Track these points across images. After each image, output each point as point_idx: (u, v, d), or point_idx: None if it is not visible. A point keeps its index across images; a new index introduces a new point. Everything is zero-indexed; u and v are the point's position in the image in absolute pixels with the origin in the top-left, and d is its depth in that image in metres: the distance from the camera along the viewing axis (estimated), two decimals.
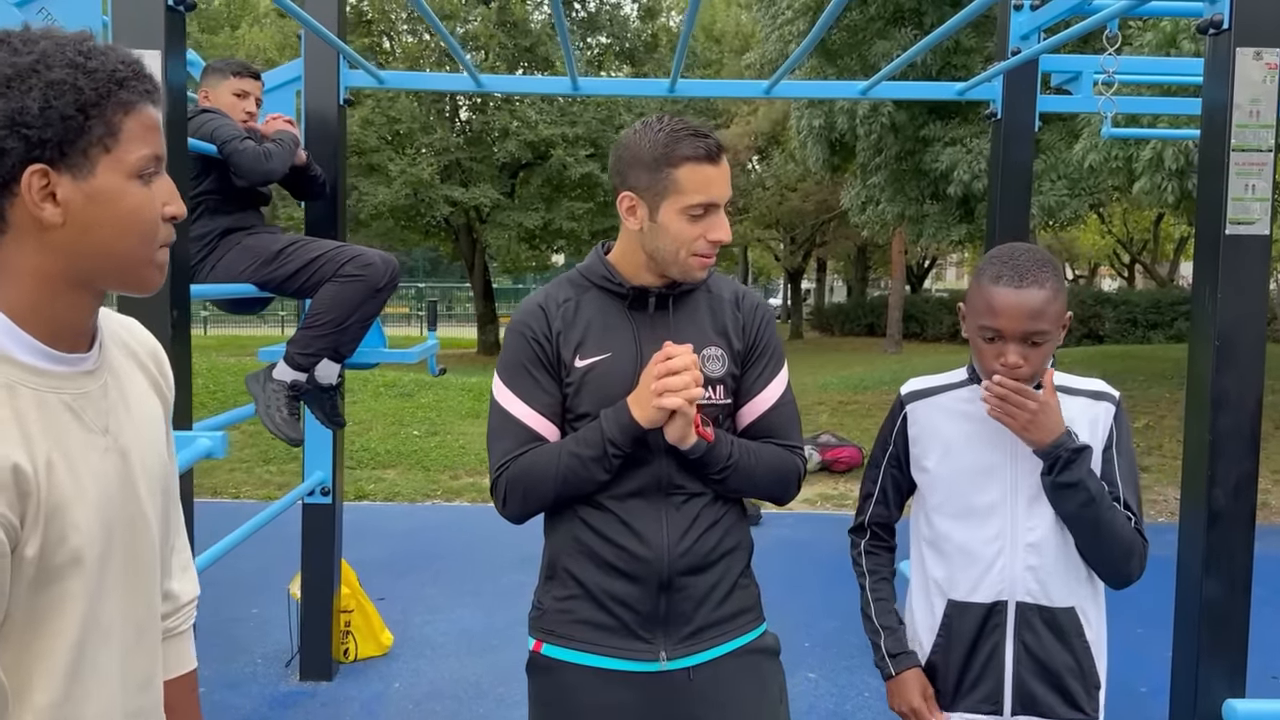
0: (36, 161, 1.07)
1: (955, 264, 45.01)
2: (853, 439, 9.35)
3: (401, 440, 9.78)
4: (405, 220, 22.37)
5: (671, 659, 1.84)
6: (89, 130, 1.09)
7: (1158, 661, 2.96)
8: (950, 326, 25.76)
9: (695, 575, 1.85)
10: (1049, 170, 11.96)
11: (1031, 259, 1.87)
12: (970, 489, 1.97)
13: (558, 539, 1.91)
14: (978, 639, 1.96)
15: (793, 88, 5.58)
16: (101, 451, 1.17)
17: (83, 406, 1.15)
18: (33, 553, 1.07)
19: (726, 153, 1.83)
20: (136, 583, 1.23)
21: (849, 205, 15.45)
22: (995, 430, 1.93)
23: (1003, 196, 3.94)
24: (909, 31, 12.47)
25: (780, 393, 1.94)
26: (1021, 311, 1.83)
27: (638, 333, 1.86)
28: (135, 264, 1.16)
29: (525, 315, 1.89)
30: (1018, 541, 1.94)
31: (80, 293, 1.14)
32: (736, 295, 1.97)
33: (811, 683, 4.34)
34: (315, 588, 4.28)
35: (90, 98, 1.08)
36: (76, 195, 1.09)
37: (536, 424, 1.85)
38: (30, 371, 1.10)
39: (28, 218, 1.09)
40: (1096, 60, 3.98)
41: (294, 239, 3.43)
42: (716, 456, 1.82)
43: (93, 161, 1.09)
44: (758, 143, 25.04)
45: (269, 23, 22.92)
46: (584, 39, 24.34)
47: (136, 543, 1.22)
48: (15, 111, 1.05)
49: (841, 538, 2.24)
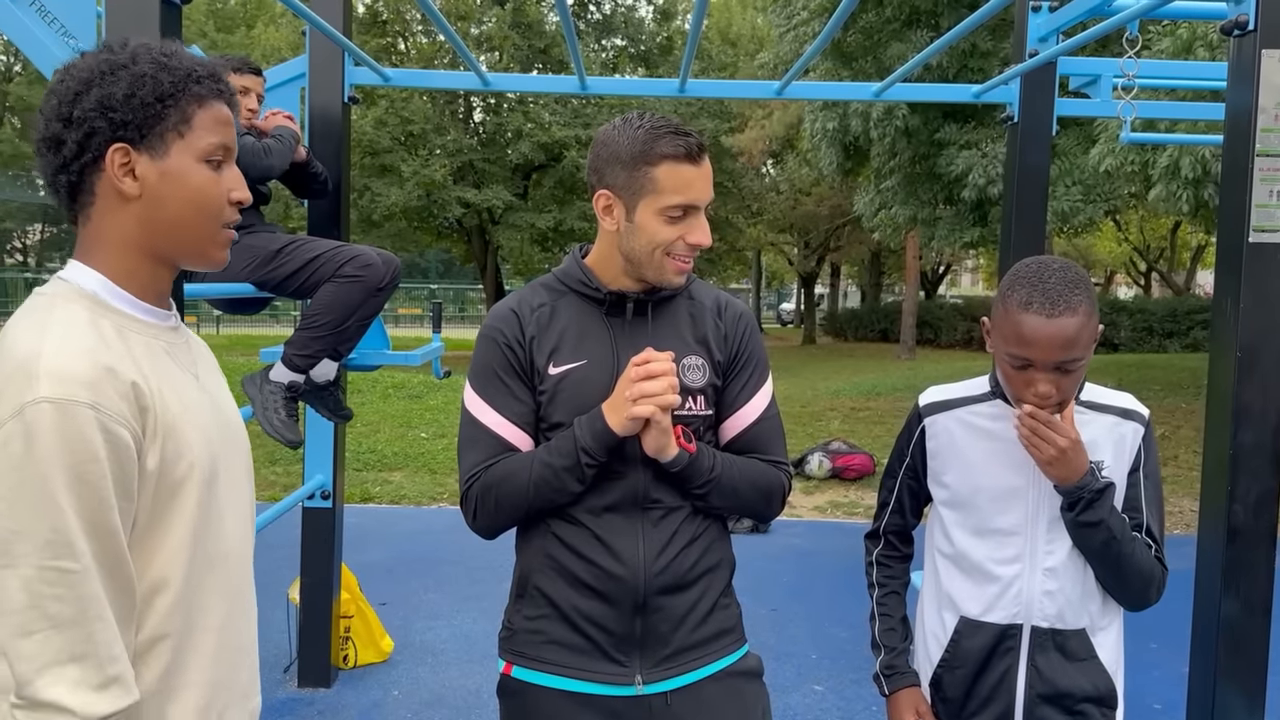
0: (120, 141, 1.26)
1: (970, 270, 44.82)
2: (864, 446, 9.27)
3: (409, 442, 9.74)
4: (418, 221, 22.39)
5: (648, 683, 1.76)
6: (165, 117, 1.27)
7: (1173, 677, 2.88)
8: (964, 333, 25.61)
9: (673, 595, 1.76)
10: (1063, 175, 11.85)
11: (1062, 281, 1.74)
12: (990, 509, 1.90)
13: (529, 555, 1.83)
14: (989, 659, 1.90)
15: (805, 89, 5.50)
16: (197, 391, 1.35)
17: (174, 351, 1.34)
18: (154, 465, 1.22)
19: (708, 152, 1.74)
20: (239, 511, 1.38)
21: (862, 210, 15.36)
22: (1019, 451, 1.85)
23: (1019, 201, 3.86)
24: (924, 34, 12.39)
25: (765, 406, 1.86)
26: (1054, 343, 1.72)
27: (615, 340, 1.78)
28: (202, 238, 1.33)
29: (497, 320, 1.81)
30: (1036, 565, 1.86)
31: (159, 265, 1.33)
32: (719, 304, 1.88)
33: (818, 695, 4.26)
34: (314, 593, 4.22)
35: (168, 89, 1.27)
36: (152, 172, 1.28)
37: (508, 433, 1.77)
38: (132, 320, 1.29)
39: (111, 190, 1.28)
40: (1116, 63, 3.90)
41: (293, 238, 3.38)
42: (698, 470, 1.74)
43: (167, 144, 1.28)
44: (772, 147, 24.96)
45: (284, 22, 22.97)
46: (598, 41, 24.32)
47: (235, 477, 1.39)
48: (105, 97, 1.25)
49: (852, 546, 2.18)
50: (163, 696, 1.26)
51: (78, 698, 1.13)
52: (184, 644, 1.28)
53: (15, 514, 1.12)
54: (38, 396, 1.13)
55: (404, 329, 29.99)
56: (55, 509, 1.12)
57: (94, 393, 1.15)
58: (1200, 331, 22.31)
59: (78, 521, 1.13)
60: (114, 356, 1.21)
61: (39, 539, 1.12)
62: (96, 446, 1.14)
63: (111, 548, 1.17)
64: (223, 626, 1.34)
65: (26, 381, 1.14)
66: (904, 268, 25.88)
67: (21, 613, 1.12)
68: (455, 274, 41.89)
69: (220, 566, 1.33)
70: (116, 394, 1.18)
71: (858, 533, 2.15)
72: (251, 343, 22.22)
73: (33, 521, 1.12)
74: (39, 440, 1.12)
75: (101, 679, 1.15)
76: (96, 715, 1.14)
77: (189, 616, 1.29)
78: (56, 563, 1.12)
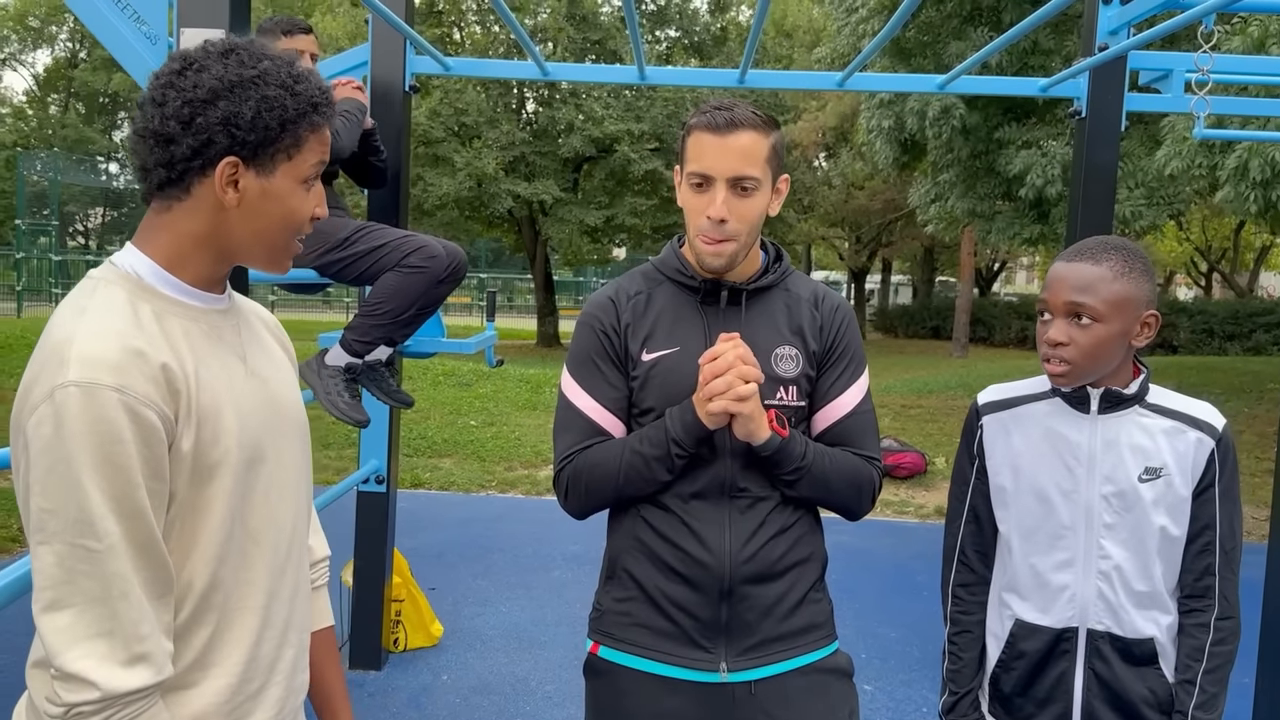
0: (234, 155, 1.28)
1: (1026, 267, 44.08)
2: (915, 444, 9.16)
3: (458, 430, 9.81)
4: (469, 211, 22.51)
5: (733, 671, 1.76)
6: (281, 140, 1.30)
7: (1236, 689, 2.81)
8: (1019, 331, 25.22)
9: (760, 584, 1.76)
10: (1126, 177, 11.59)
11: (1100, 241, 1.79)
12: (1042, 509, 1.86)
13: (619, 538, 1.85)
14: (1045, 662, 1.87)
15: (867, 80, 5.44)
16: (243, 375, 1.36)
17: (221, 334, 1.35)
18: (188, 447, 1.24)
19: (750, 129, 1.71)
20: (284, 495, 1.39)
21: (917, 202, 15.15)
22: (1073, 449, 1.82)
23: (1085, 199, 3.77)
24: (985, 31, 12.17)
25: (859, 400, 1.85)
26: (1065, 283, 1.76)
27: (708, 328, 1.79)
28: (279, 251, 1.37)
29: (595, 308, 1.85)
30: (1091, 568, 1.83)
31: (222, 261, 1.35)
32: (816, 295, 1.88)
33: (868, 695, 4.22)
34: (367, 576, 4.27)
35: (291, 115, 1.30)
36: (255, 187, 1.30)
37: (601, 418, 1.80)
38: (175, 304, 1.30)
39: (211, 195, 1.29)
40: (1189, 58, 3.79)
41: (361, 225, 3.38)
42: (789, 455, 1.73)
43: (275, 164, 1.31)
44: (825, 139, 24.76)
45: (342, 11, 23.20)
46: (653, 32, 24.27)
47: (283, 459, 1.40)
48: (233, 115, 1.26)
49: (902, 546, 2.15)
50: (197, 672, 1.29)
51: (103, 672, 1.16)
52: (224, 623, 1.31)
53: (48, 493, 1.16)
54: (66, 380, 1.16)
55: (453, 317, 30.19)
56: (81, 490, 1.15)
57: (120, 376, 1.17)
58: (1264, 335, 21.74)
59: (104, 501, 1.16)
60: (145, 339, 1.22)
61: (68, 518, 1.16)
62: (121, 428, 1.17)
63: (141, 528, 1.19)
64: (266, 606, 1.36)
65: (59, 366, 1.17)
66: (958, 264, 25.55)
67: (56, 587, 1.16)
68: (504, 263, 42.13)
69: (265, 547, 1.35)
70: (144, 377, 1.19)
71: (908, 532, 2.12)
72: (306, 328, 22.50)
73: (62, 501, 1.16)
74: (66, 423, 1.15)
75: (128, 656, 1.18)
76: (120, 690, 1.17)
77: (228, 596, 1.31)
78: (83, 541, 1.16)
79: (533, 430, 9.92)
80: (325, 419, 9.32)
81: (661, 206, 22.18)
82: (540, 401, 11.29)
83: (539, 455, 9.00)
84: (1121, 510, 1.80)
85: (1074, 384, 1.82)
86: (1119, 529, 1.80)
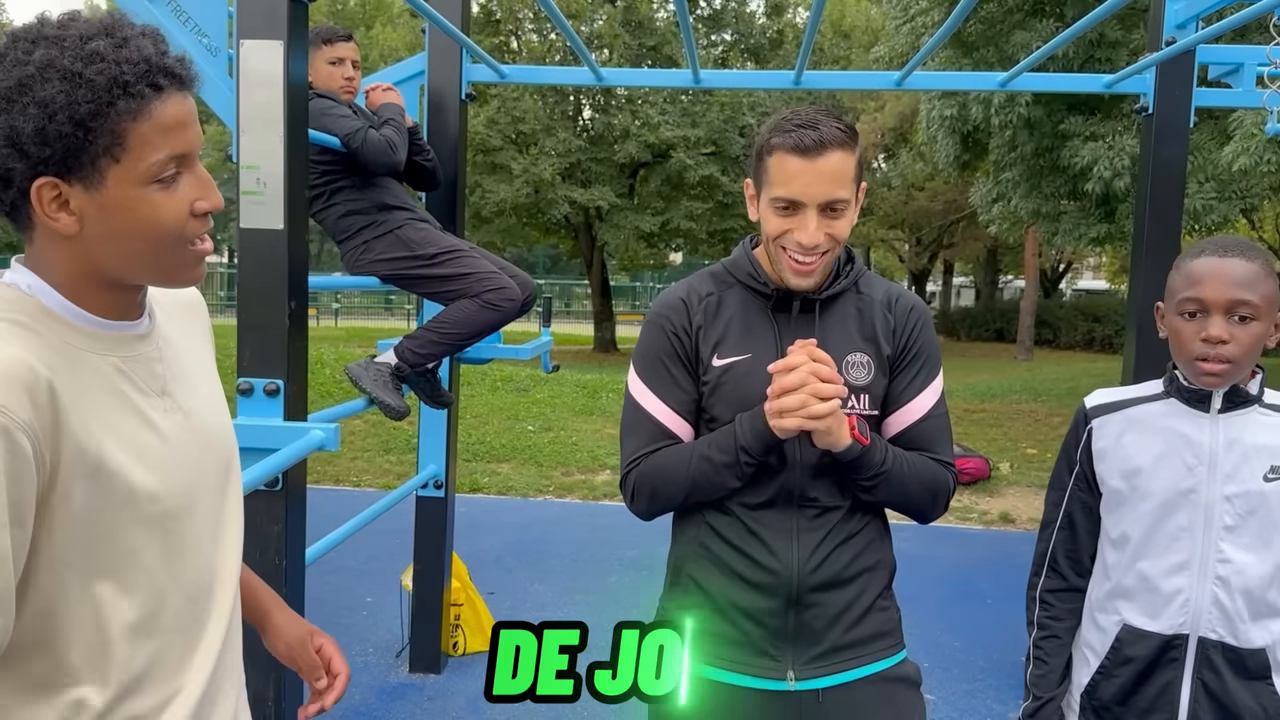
0: (43, 175, 1.05)
1: (1092, 267, 43.15)
2: (979, 450, 9.00)
3: (516, 435, 9.87)
4: (526, 218, 22.67)
5: (801, 679, 1.74)
6: (92, 143, 1.04)
7: None
8: (1085, 334, 24.67)
9: (828, 591, 1.74)
10: (1196, 171, 11.29)
11: (1236, 239, 1.74)
12: (1159, 513, 1.80)
13: (683, 544, 1.82)
14: (1151, 670, 1.80)
15: (926, 79, 5.36)
16: (163, 413, 1.18)
17: (134, 369, 1.16)
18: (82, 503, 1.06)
19: (838, 149, 1.64)
20: (214, 536, 1.25)
21: (979, 202, 14.89)
22: (1194, 449, 1.76)
23: (1153, 197, 3.67)
24: (1050, 23, 11.93)
25: (933, 403, 1.81)
26: (1226, 278, 1.68)
27: (780, 336, 1.76)
28: (167, 266, 1.14)
29: (665, 308, 1.80)
30: (1207, 573, 1.76)
31: (116, 288, 1.14)
32: (889, 296, 1.84)
33: (930, 705, 4.15)
34: (426, 580, 4.31)
35: (87, 111, 1.03)
36: (90, 206, 1.07)
37: (670, 421, 1.77)
38: (82, 334, 1.11)
39: (46, 226, 1.08)
40: (1260, 51, 3.67)
41: (452, 247, 3.40)
42: (869, 462, 1.69)
43: (102, 172, 1.06)
44: (885, 140, 24.49)
45: (401, 22, 23.54)
46: (708, 36, 24.23)
47: (211, 497, 1.24)
48: (12, 132, 1.03)
49: (965, 552, 2.10)
50: None
51: None
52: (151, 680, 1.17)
53: None
54: None
55: None
56: None
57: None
58: None
59: None
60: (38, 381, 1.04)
61: None
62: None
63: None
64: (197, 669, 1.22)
65: None
66: (1022, 265, 25.09)
67: None
68: (560, 269, 42.35)
69: (196, 597, 1.22)
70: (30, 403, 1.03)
71: (971, 538, 2.07)
72: (369, 335, 22.88)
73: None
74: None
75: None
76: None
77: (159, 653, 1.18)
78: None
79: (589, 435, 9.93)
80: (387, 425, 9.44)
81: (716, 211, 22.12)
82: (597, 407, 11.30)
83: (596, 460, 9.01)
84: (1245, 512, 1.73)
85: (1227, 385, 1.76)
86: (1240, 532, 1.74)
